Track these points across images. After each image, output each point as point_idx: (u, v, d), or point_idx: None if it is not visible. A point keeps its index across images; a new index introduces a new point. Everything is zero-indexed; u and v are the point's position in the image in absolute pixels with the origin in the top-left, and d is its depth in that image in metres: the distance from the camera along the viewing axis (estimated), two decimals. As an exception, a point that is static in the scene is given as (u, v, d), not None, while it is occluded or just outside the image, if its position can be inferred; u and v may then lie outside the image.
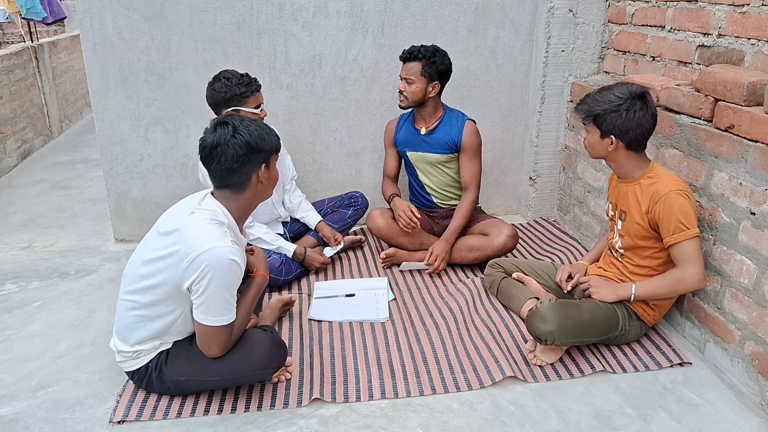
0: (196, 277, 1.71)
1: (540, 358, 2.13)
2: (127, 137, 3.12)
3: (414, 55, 2.73)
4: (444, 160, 2.89)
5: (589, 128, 2.11)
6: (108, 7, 2.89)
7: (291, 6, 3.04)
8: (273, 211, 2.91)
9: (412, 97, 2.77)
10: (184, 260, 1.71)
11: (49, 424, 1.88)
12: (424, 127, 2.89)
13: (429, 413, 1.92)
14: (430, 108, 2.86)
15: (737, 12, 2.21)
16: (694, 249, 2.01)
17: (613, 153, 2.11)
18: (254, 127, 1.79)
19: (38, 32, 7.25)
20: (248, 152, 1.76)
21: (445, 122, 2.87)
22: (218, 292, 1.73)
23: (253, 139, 1.76)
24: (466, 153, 2.85)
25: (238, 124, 1.77)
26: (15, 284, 2.81)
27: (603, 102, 2.05)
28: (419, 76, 2.73)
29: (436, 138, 2.87)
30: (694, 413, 1.93)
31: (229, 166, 1.76)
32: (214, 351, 1.83)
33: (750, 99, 1.95)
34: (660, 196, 2.02)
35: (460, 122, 2.85)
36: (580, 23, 3.14)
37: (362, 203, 3.14)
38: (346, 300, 2.61)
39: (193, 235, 1.73)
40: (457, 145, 2.85)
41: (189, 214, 1.79)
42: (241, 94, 2.53)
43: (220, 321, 1.78)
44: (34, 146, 5.34)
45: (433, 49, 2.74)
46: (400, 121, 3.01)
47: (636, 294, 2.11)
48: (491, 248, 2.77)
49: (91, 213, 3.74)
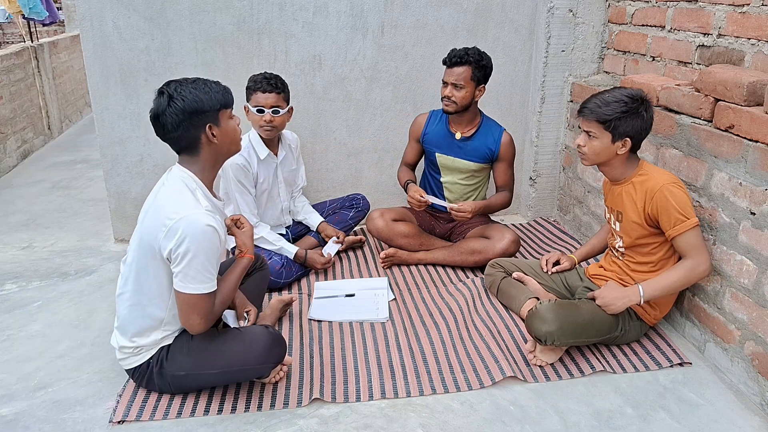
0: (174, 245, 1.71)
1: (540, 359, 2.13)
2: (127, 137, 3.12)
3: (463, 59, 2.67)
4: (476, 169, 2.89)
5: (597, 133, 2.07)
6: (108, 7, 2.89)
7: (291, 6, 3.04)
8: (280, 218, 2.93)
9: (462, 102, 2.73)
10: (161, 230, 1.73)
11: (49, 424, 1.88)
12: (460, 132, 2.86)
13: (429, 413, 1.92)
14: (471, 113, 2.83)
15: (737, 12, 2.21)
16: (698, 237, 2.02)
17: (618, 156, 2.10)
18: (189, 89, 1.76)
19: (38, 32, 7.27)
20: (186, 117, 1.75)
21: (483, 130, 2.86)
22: (197, 259, 1.72)
23: (188, 104, 1.74)
24: (503, 162, 2.88)
25: (173, 90, 1.76)
26: (15, 284, 2.81)
27: (618, 105, 2.02)
28: (469, 80, 2.69)
29: (473, 146, 2.85)
30: (694, 413, 1.93)
31: (174, 134, 1.78)
32: (195, 322, 1.80)
33: (750, 99, 1.95)
34: (655, 192, 2.03)
35: (498, 132, 2.86)
36: (580, 23, 3.14)
37: (363, 205, 3.15)
38: (346, 300, 2.61)
39: (166, 205, 1.75)
40: (494, 154, 2.85)
41: (160, 186, 1.84)
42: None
43: (199, 288, 1.76)
44: (34, 146, 5.34)
45: (479, 52, 2.70)
46: (431, 118, 2.97)
47: (645, 295, 2.06)
48: (492, 253, 2.76)
49: (91, 213, 3.74)
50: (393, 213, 2.99)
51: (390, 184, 3.48)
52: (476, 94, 2.76)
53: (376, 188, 3.46)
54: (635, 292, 2.08)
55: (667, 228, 2.03)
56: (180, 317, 1.83)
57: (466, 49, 2.70)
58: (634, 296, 2.08)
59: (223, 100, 1.82)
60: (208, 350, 1.88)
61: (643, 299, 2.07)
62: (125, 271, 1.89)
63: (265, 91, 2.57)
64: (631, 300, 2.08)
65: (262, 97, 2.58)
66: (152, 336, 1.89)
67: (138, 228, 1.86)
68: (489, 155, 2.86)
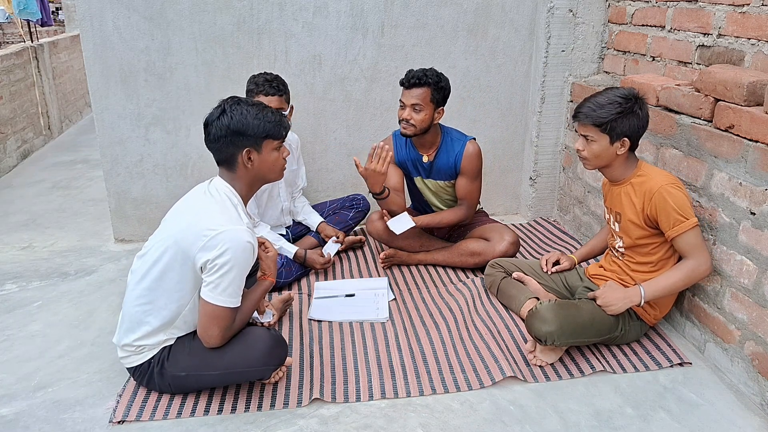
0: (213, 256, 1.74)
1: (540, 359, 2.13)
2: (127, 137, 3.12)
3: (421, 81, 2.58)
4: (449, 186, 2.86)
5: (595, 137, 2.07)
6: (108, 7, 2.89)
7: (291, 6, 3.04)
8: (280, 218, 2.94)
9: (420, 125, 2.63)
10: (200, 239, 1.75)
11: (49, 424, 1.88)
12: (426, 156, 2.80)
13: (429, 413, 1.92)
14: (431, 135, 2.74)
15: (737, 12, 2.21)
16: (698, 237, 2.02)
17: (619, 157, 2.10)
18: (242, 110, 1.82)
19: (38, 32, 7.27)
20: (228, 134, 1.81)
21: (444, 150, 2.77)
22: (231, 273, 1.76)
23: (234, 123, 1.80)
24: (464, 176, 2.78)
25: (229, 106, 1.84)
26: (15, 284, 2.81)
27: (612, 106, 2.02)
28: (428, 102, 2.60)
29: (437, 167, 2.81)
30: (694, 413, 1.92)
31: (214, 144, 1.85)
32: (213, 334, 1.81)
33: (750, 99, 1.95)
34: (653, 193, 2.03)
35: (460, 146, 2.75)
36: (580, 23, 3.14)
37: (364, 205, 3.15)
38: (346, 300, 2.61)
39: (209, 216, 1.79)
40: (456, 170, 2.78)
41: (202, 194, 1.87)
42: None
43: (227, 302, 1.78)
44: (34, 146, 5.34)
45: (437, 73, 2.61)
46: (396, 141, 2.87)
47: (646, 295, 2.06)
48: (492, 254, 2.75)
49: (91, 213, 3.74)
50: None
51: (390, 184, 3.48)
52: (435, 116, 2.66)
53: (376, 188, 3.46)
54: (636, 292, 2.08)
55: (667, 229, 2.03)
56: (199, 327, 1.83)
57: (424, 70, 2.61)
58: (635, 297, 2.08)
59: (272, 131, 1.86)
60: (210, 351, 1.88)
61: (644, 300, 2.07)
62: (141, 268, 1.88)
63: (268, 95, 2.59)
64: (632, 301, 2.08)
65: (264, 101, 2.57)
66: (157, 337, 1.89)
67: (168, 228, 1.86)
68: (453, 172, 2.79)
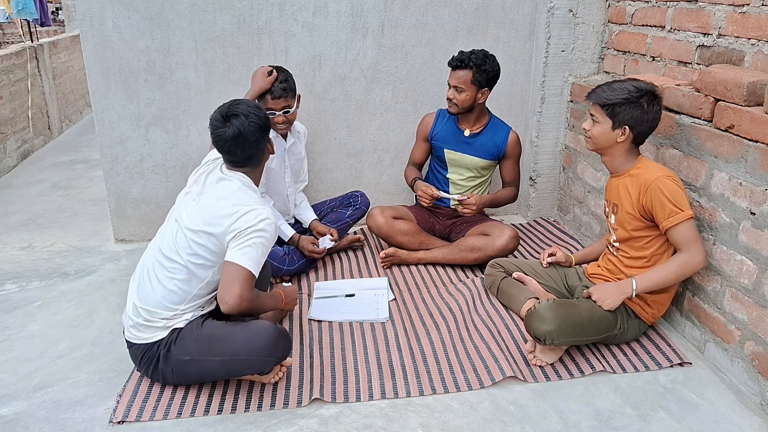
0: (247, 227, 1.87)
1: (540, 359, 2.13)
2: (127, 137, 3.12)
3: (464, 63, 2.71)
4: (482, 166, 2.95)
5: (599, 118, 2.12)
6: (108, 7, 2.89)
7: (291, 6, 3.04)
8: (285, 205, 2.95)
9: (462, 104, 2.79)
10: (233, 215, 1.89)
11: (49, 424, 1.88)
12: (468, 129, 2.92)
13: (429, 413, 1.92)
14: (476, 113, 2.89)
15: (737, 12, 2.21)
16: (692, 230, 2.03)
17: (619, 145, 2.12)
18: (254, 109, 2.00)
19: (38, 32, 7.27)
20: (263, 133, 2.01)
21: (491, 128, 2.93)
22: (260, 241, 1.89)
23: (262, 121, 2.00)
24: (510, 159, 2.96)
25: (244, 111, 1.97)
26: (15, 284, 2.81)
27: (621, 92, 2.06)
28: (469, 84, 2.74)
29: (481, 142, 2.91)
30: (694, 413, 1.93)
31: (253, 150, 2.00)
32: (234, 292, 1.82)
33: (750, 99, 1.95)
34: (649, 184, 2.05)
35: (506, 131, 2.93)
36: (580, 23, 3.14)
37: (362, 202, 3.11)
38: (346, 300, 2.61)
39: (237, 197, 1.95)
40: (500, 152, 2.92)
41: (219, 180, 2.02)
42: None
43: (252, 266, 1.86)
44: (34, 146, 5.34)
45: (483, 56, 2.73)
46: (439, 117, 3.03)
47: (638, 287, 2.09)
48: (492, 249, 2.77)
49: (91, 213, 3.74)
50: (393, 211, 3.00)
51: (390, 184, 3.48)
52: (478, 97, 2.79)
53: (376, 188, 3.46)
54: (628, 284, 2.11)
55: (661, 220, 2.04)
56: (220, 289, 1.86)
57: (470, 53, 2.73)
58: (627, 288, 2.10)
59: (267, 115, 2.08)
60: (215, 338, 1.91)
61: (636, 291, 2.10)
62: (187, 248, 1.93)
63: (275, 97, 2.62)
64: (624, 292, 2.10)
65: (271, 103, 2.63)
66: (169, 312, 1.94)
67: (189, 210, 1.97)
68: (496, 152, 2.92)
